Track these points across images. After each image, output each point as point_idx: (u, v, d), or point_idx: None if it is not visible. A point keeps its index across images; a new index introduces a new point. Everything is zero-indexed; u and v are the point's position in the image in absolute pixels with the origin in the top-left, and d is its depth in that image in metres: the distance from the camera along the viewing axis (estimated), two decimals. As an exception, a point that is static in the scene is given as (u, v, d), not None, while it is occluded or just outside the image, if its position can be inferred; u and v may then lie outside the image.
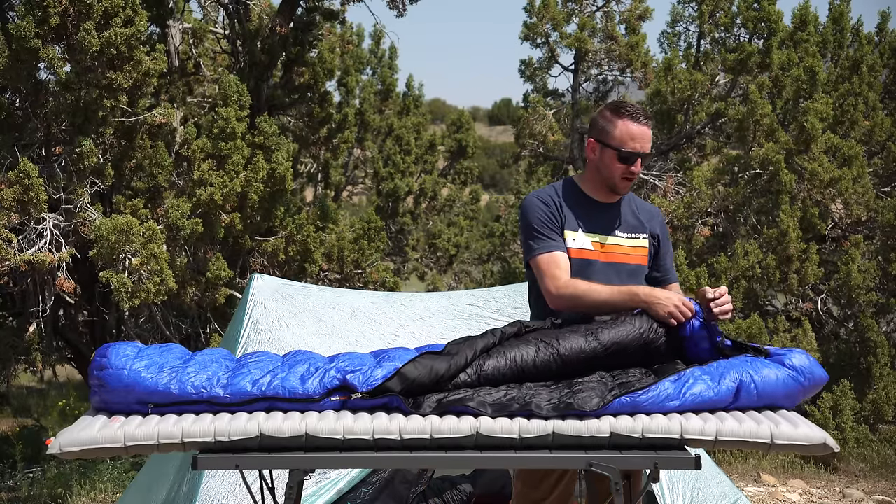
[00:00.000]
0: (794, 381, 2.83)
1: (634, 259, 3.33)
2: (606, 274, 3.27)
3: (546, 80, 11.95)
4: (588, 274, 3.25)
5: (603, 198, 3.36)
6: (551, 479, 3.35)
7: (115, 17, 6.66)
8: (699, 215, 9.59)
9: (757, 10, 10.46)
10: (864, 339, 8.79)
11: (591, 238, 3.30)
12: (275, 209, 8.13)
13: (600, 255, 3.30)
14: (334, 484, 4.34)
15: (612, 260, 3.30)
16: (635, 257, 3.34)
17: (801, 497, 7.13)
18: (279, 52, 9.46)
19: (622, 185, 3.29)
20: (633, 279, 3.29)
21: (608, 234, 3.32)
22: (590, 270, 3.27)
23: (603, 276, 3.26)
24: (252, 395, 2.74)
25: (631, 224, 3.35)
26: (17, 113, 7.11)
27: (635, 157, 3.24)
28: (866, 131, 9.72)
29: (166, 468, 4.73)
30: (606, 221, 3.33)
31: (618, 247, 3.32)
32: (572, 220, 3.31)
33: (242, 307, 4.98)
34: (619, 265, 3.30)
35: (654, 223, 3.41)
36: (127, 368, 2.74)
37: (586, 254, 3.28)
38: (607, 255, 3.30)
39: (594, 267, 3.28)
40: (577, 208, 3.33)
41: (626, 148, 3.23)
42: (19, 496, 6.89)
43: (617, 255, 3.31)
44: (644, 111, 3.28)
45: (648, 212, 3.44)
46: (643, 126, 3.23)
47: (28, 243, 6.66)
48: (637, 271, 3.33)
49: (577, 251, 3.28)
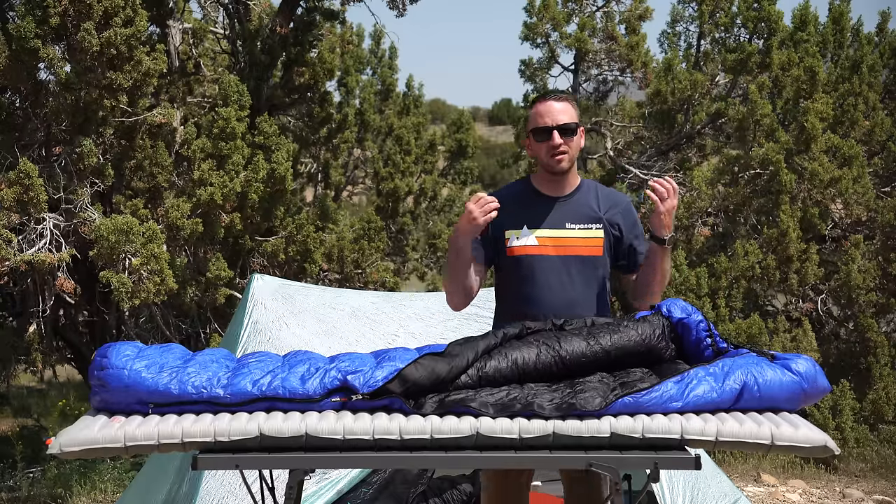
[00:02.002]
0: (797, 386, 2.82)
1: (588, 250, 3.36)
2: (556, 266, 3.33)
3: (546, 80, 11.94)
4: (535, 269, 3.33)
5: (554, 191, 3.42)
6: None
7: (115, 17, 6.66)
8: (699, 215, 9.59)
9: (757, 10, 10.45)
10: (864, 339, 8.79)
11: (539, 233, 3.35)
12: (275, 209, 8.13)
13: (549, 249, 3.34)
14: (334, 484, 4.34)
15: (563, 253, 3.34)
16: (588, 248, 3.36)
17: (801, 497, 7.13)
18: (279, 52, 9.45)
19: (553, 163, 3.35)
20: (587, 270, 3.35)
21: (559, 228, 3.36)
22: (537, 265, 3.34)
23: (552, 268, 3.33)
24: (252, 395, 2.74)
25: (584, 215, 3.38)
26: (17, 113, 7.11)
27: (548, 131, 3.31)
28: (866, 131, 9.72)
29: (166, 468, 4.73)
30: (557, 215, 3.38)
31: (569, 239, 3.36)
32: (517, 218, 3.37)
33: (242, 307, 4.98)
34: (570, 258, 3.34)
35: (616, 212, 3.42)
36: (127, 368, 2.74)
37: (530, 250, 3.34)
38: (557, 248, 3.34)
39: (542, 261, 3.34)
40: (527, 206, 3.40)
41: (536, 126, 3.34)
42: (19, 496, 6.89)
43: (569, 247, 3.35)
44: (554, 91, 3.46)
45: (611, 201, 3.45)
46: (549, 101, 3.33)
47: (28, 243, 6.66)
48: (591, 262, 3.36)
49: (519, 248, 3.35)
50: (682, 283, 8.76)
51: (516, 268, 3.37)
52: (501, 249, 3.40)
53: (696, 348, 3.08)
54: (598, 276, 3.38)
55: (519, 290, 3.37)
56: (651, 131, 11.20)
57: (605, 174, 11.59)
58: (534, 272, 3.33)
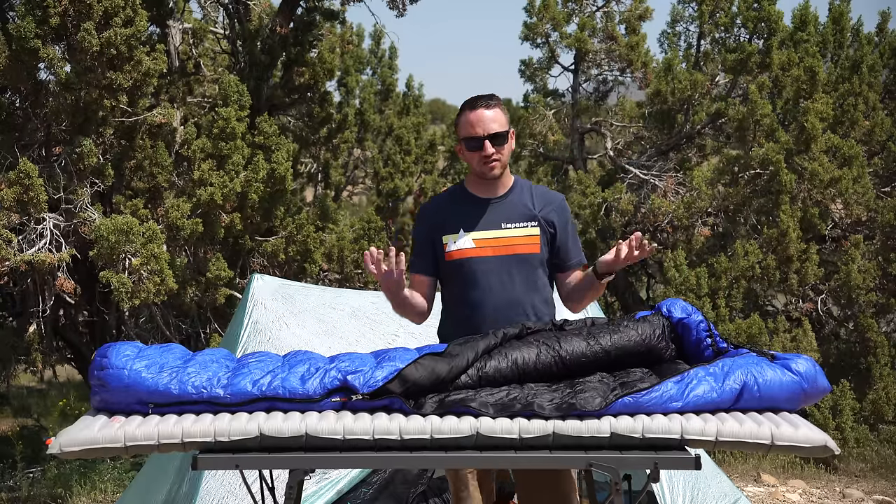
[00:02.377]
0: (797, 386, 2.82)
1: (525, 248, 3.39)
2: (495, 267, 3.36)
3: (546, 80, 11.95)
4: (474, 271, 3.36)
5: (487, 193, 3.44)
6: None
7: (115, 17, 6.66)
8: (699, 215, 9.59)
9: (757, 10, 10.46)
10: (864, 339, 8.79)
11: (475, 235, 3.38)
12: (275, 209, 8.13)
13: (487, 250, 3.37)
14: (334, 484, 4.34)
15: (501, 253, 3.37)
16: (525, 246, 3.39)
17: (801, 497, 7.13)
18: (279, 52, 9.45)
19: (486, 170, 3.36)
20: (526, 268, 3.38)
21: (495, 229, 3.39)
22: (475, 267, 3.36)
23: (492, 269, 3.35)
24: (252, 395, 2.74)
25: (519, 214, 3.41)
26: (17, 113, 7.11)
27: (479, 140, 3.31)
28: (866, 131, 9.72)
29: (166, 468, 4.73)
30: (492, 216, 3.40)
31: (506, 238, 3.38)
32: (454, 223, 3.41)
33: (242, 307, 4.98)
34: (508, 256, 3.37)
35: (550, 210, 3.44)
36: (127, 368, 2.75)
37: (468, 252, 3.37)
38: (495, 248, 3.37)
39: (480, 263, 3.36)
40: (462, 210, 3.42)
41: (467, 135, 3.33)
42: (19, 496, 6.89)
43: (506, 246, 3.37)
44: (483, 96, 3.37)
45: (545, 199, 3.47)
46: (479, 110, 3.32)
47: (28, 243, 6.66)
48: (528, 259, 3.39)
49: (457, 252, 3.39)
50: (682, 283, 8.76)
51: (456, 272, 3.40)
52: (441, 255, 3.42)
53: (696, 348, 3.08)
54: (537, 274, 3.41)
55: (461, 293, 3.39)
56: (651, 131, 11.20)
57: (605, 174, 11.59)
58: (473, 275, 3.36)
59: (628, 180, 10.61)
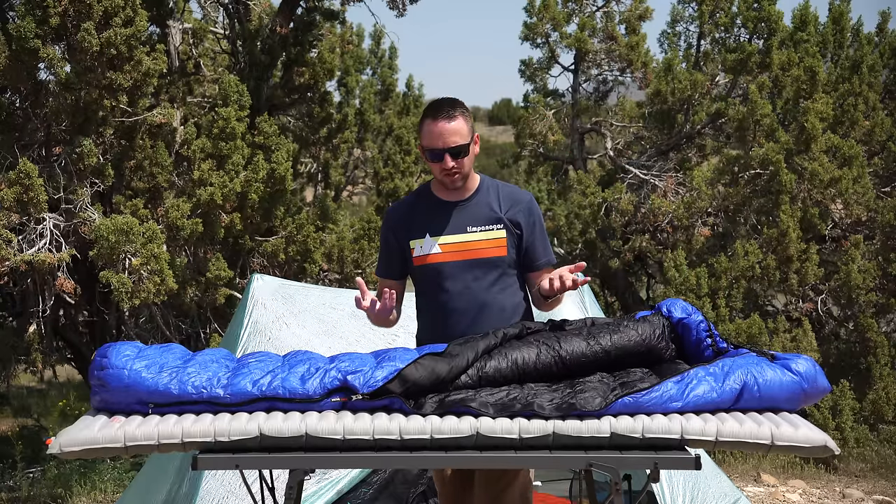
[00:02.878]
0: (797, 386, 2.82)
1: (491, 252, 3.33)
2: (462, 271, 3.32)
3: (546, 80, 11.94)
4: (442, 276, 3.32)
5: (451, 196, 3.39)
6: None
7: (115, 17, 6.65)
8: (699, 215, 9.59)
9: (757, 10, 10.45)
10: (864, 339, 8.79)
11: (441, 240, 3.34)
12: (275, 209, 8.13)
13: (453, 255, 3.33)
14: (334, 484, 4.34)
15: (467, 257, 3.33)
16: (491, 249, 3.33)
17: (801, 497, 7.13)
18: (279, 52, 9.45)
19: (448, 181, 3.32)
20: (493, 271, 3.33)
21: (460, 233, 3.34)
22: (442, 272, 3.33)
23: (459, 274, 3.32)
24: (252, 395, 2.74)
25: (484, 217, 3.35)
26: (17, 113, 7.11)
27: (440, 153, 3.25)
28: (866, 131, 9.72)
29: (166, 468, 4.73)
30: (457, 220, 3.36)
31: (471, 243, 3.33)
32: (418, 228, 3.38)
33: (242, 307, 4.98)
34: (475, 261, 3.32)
35: (517, 210, 3.37)
36: (127, 368, 2.75)
37: (433, 258, 3.34)
38: (461, 253, 3.33)
39: (446, 268, 3.33)
40: (427, 213, 3.39)
41: (429, 146, 3.28)
42: (19, 496, 6.89)
43: (472, 251, 3.33)
44: (446, 105, 3.29)
45: (512, 200, 3.40)
46: (440, 122, 3.25)
47: (28, 243, 6.66)
48: (496, 262, 3.33)
49: (424, 258, 3.35)
50: (682, 283, 8.76)
51: (424, 277, 3.37)
52: (409, 259, 3.39)
53: (696, 348, 3.08)
54: (506, 276, 3.36)
55: (431, 299, 3.37)
56: (651, 131, 11.20)
57: (605, 174, 11.59)
58: (441, 280, 3.32)
59: (628, 180, 10.61)
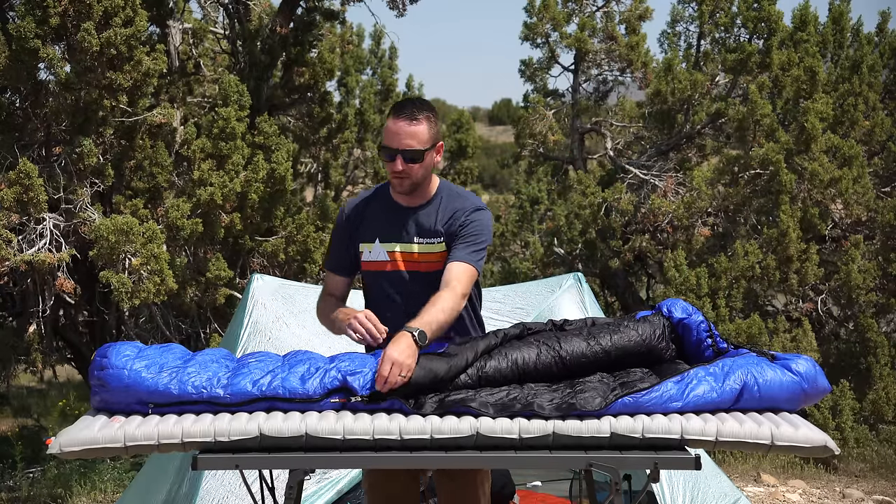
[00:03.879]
0: (797, 386, 2.82)
1: (432, 266, 3.16)
2: (406, 282, 3.17)
3: (546, 80, 11.95)
4: (387, 285, 3.18)
5: (406, 201, 3.21)
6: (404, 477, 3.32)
7: (115, 17, 6.66)
8: (699, 215, 9.59)
9: (757, 10, 10.46)
10: (864, 339, 8.79)
11: (389, 248, 3.18)
12: (275, 209, 8.13)
13: (399, 264, 3.18)
14: (334, 484, 4.34)
15: (411, 269, 3.18)
16: (433, 264, 3.16)
17: (801, 497, 7.13)
18: (279, 52, 9.45)
19: (396, 184, 3.14)
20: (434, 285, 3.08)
21: (407, 242, 3.18)
22: (388, 281, 3.19)
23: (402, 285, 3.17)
24: (252, 395, 2.74)
25: (429, 229, 3.18)
26: (17, 113, 7.11)
27: (392, 153, 3.09)
28: (866, 131, 9.72)
29: (166, 468, 4.73)
30: (407, 228, 3.18)
31: (416, 255, 3.17)
32: (370, 230, 3.21)
33: (242, 307, 4.98)
34: (420, 273, 3.17)
35: (454, 219, 3.17)
36: (127, 368, 2.74)
37: (380, 265, 3.19)
38: (406, 263, 3.18)
39: (392, 277, 3.18)
40: (382, 216, 3.21)
41: (384, 144, 3.12)
42: (19, 496, 6.89)
43: (416, 262, 3.18)
44: (413, 105, 3.13)
45: (452, 209, 3.19)
46: (400, 121, 3.08)
47: (28, 243, 6.66)
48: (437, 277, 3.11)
49: (370, 264, 3.22)
50: (682, 283, 8.76)
51: (370, 283, 3.24)
52: (358, 261, 3.27)
53: (696, 349, 3.08)
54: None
55: (376, 306, 3.20)
56: (651, 131, 11.20)
57: (605, 174, 11.59)
58: (387, 289, 3.18)
59: (628, 180, 10.61)
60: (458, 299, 3.02)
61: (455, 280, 3.05)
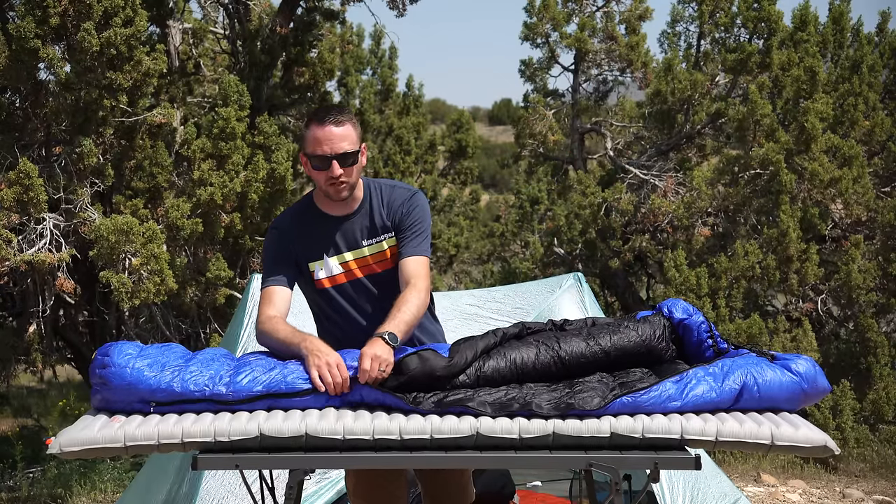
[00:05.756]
0: (797, 386, 2.82)
1: (386, 264, 3.16)
2: (367, 288, 3.16)
3: (546, 80, 11.96)
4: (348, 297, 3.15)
5: (338, 210, 3.17)
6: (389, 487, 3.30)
7: (115, 17, 6.66)
8: (699, 215, 9.59)
9: (757, 10, 10.46)
10: (864, 339, 8.79)
11: (340, 259, 3.15)
12: (275, 209, 8.13)
13: (355, 272, 3.15)
14: (334, 484, 4.34)
15: (368, 272, 3.16)
16: (387, 261, 3.17)
17: (801, 497, 7.13)
18: (279, 52, 9.46)
19: (333, 191, 3.09)
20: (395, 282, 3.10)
21: (356, 248, 3.16)
22: (352, 292, 3.16)
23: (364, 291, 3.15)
24: (255, 392, 2.74)
25: (375, 228, 3.16)
26: (17, 113, 7.11)
27: (326, 160, 3.03)
28: (866, 131, 9.72)
29: (166, 468, 4.73)
30: (350, 235, 3.15)
31: (371, 256, 3.16)
32: (314, 248, 3.15)
33: (242, 307, 4.98)
34: (375, 275, 3.16)
35: (395, 212, 3.17)
36: (129, 367, 2.74)
37: (339, 279, 3.15)
38: (362, 269, 3.16)
39: (356, 287, 3.16)
40: (319, 232, 3.16)
41: (314, 153, 3.05)
42: (19, 496, 6.89)
43: (371, 265, 3.16)
44: (333, 110, 3.10)
45: (392, 201, 3.19)
46: (327, 126, 3.04)
47: (28, 243, 6.66)
48: (391, 276, 3.13)
49: (329, 280, 3.15)
50: (682, 283, 8.76)
51: (330, 300, 3.17)
52: (310, 282, 3.18)
53: (697, 349, 3.07)
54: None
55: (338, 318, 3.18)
56: (651, 131, 11.21)
57: (605, 174, 11.60)
58: (350, 299, 3.16)
59: (628, 180, 10.62)
60: (423, 295, 3.05)
61: (414, 277, 3.07)
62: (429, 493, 3.42)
